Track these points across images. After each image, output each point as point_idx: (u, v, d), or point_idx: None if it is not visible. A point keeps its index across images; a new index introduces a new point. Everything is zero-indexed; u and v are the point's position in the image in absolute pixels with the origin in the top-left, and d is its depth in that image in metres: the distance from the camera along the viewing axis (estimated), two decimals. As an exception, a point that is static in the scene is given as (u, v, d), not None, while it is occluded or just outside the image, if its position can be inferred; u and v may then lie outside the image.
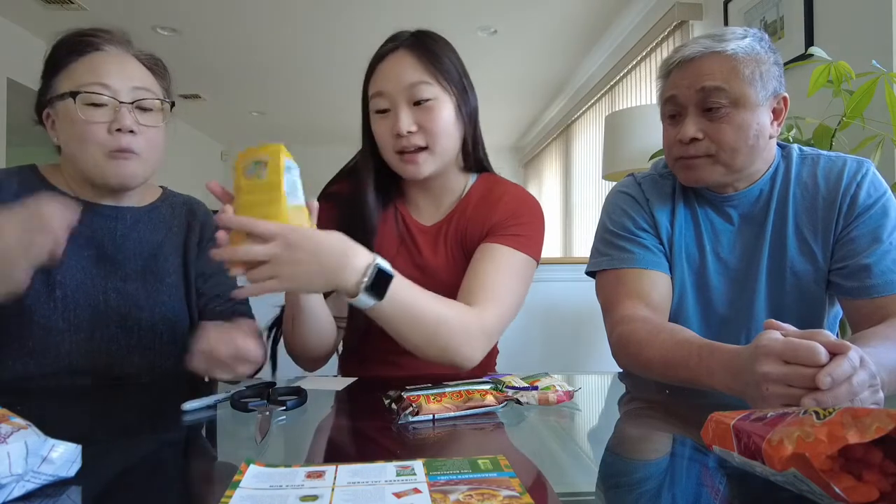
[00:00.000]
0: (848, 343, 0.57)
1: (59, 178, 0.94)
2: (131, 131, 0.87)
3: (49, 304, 0.88)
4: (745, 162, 0.93)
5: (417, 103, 0.95)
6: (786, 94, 0.95)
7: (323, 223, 0.79)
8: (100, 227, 0.94)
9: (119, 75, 0.88)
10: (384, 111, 0.97)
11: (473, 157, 1.07)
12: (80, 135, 0.86)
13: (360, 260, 0.74)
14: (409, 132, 0.94)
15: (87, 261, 0.92)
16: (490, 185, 1.07)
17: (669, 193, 1.05)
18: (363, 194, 1.02)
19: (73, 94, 0.85)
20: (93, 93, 0.86)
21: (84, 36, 0.90)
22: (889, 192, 0.94)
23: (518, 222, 1.00)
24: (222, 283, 1.03)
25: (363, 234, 0.99)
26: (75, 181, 0.93)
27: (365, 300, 0.74)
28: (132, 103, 0.88)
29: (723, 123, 0.91)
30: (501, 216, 1.00)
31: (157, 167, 0.94)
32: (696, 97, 0.92)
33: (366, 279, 0.73)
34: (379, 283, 0.75)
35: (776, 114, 0.94)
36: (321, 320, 0.92)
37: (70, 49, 0.89)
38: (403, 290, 0.79)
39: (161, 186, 1.06)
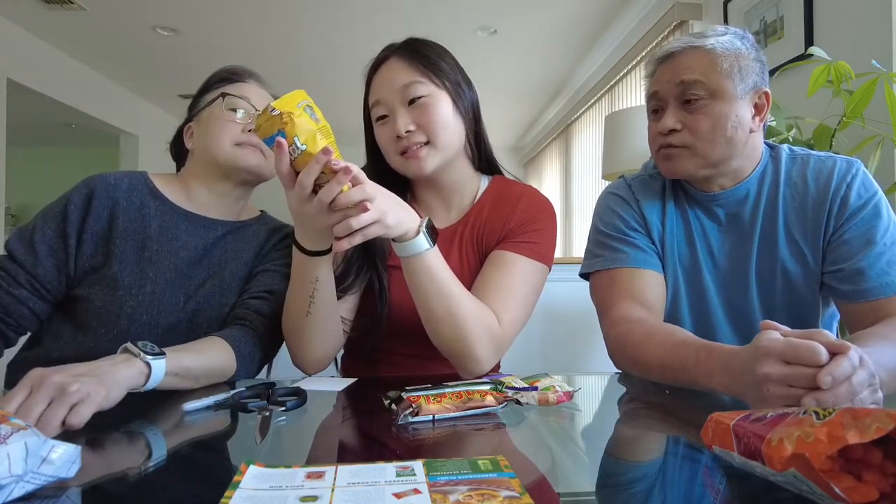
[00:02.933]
0: (848, 343, 0.57)
1: (168, 188, 1.06)
2: None
3: (139, 297, 0.96)
4: (723, 154, 0.94)
5: (413, 102, 0.96)
6: (767, 90, 0.95)
7: None
8: (194, 234, 1.04)
9: (257, 95, 1.08)
10: (383, 118, 0.98)
11: (482, 155, 1.08)
12: (219, 128, 1.03)
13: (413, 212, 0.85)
14: (409, 131, 0.95)
15: (181, 262, 1.01)
16: (505, 188, 1.08)
17: (659, 193, 1.05)
18: None
19: (223, 95, 1.05)
20: (237, 97, 1.05)
21: (233, 70, 1.10)
22: (880, 192, 0.94)
23: (534, 228, 1.01)
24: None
25: (376, 244, 0.99)
26: (190, 187, 1.06)
27: (422, 242, 0.82)
28: None
29: (700, 114, 0.92)
30: (518, 221, 1.01)
31: (272, 172, 1.03)
32: (675, 90, 0.94)
33: (424, 223, 0.84)
34: (430, 231, 0.84)
35: (758, 109, 0.95)
36: (332, 317, 0.93)
37: (221, 79, 1.09)
38: (442, 257, 0.87)
39: (261, 210, 1.18)
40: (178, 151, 1.14)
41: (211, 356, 0.85)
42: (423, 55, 0.98)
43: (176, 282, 1.00)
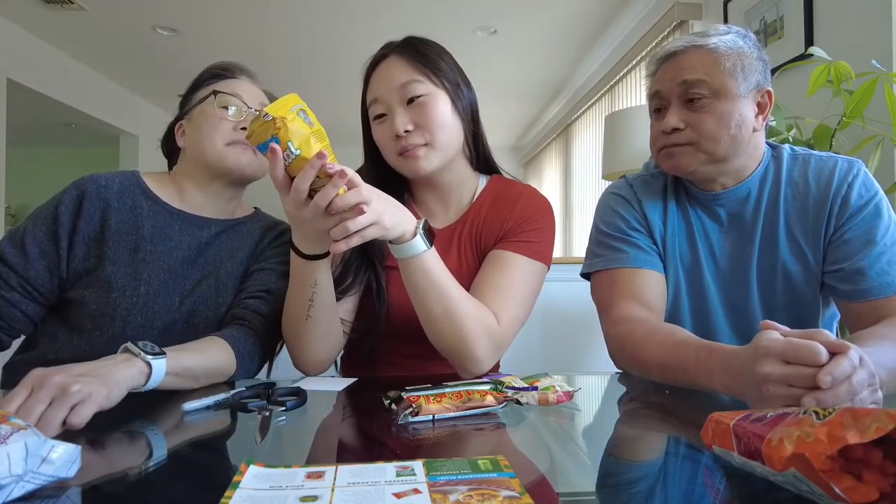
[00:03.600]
0: (847, 343, 0.57)
1: (161, 188, 1.05)
2: None
3: (133, 299, 0.95)
4: (726, 152, 0.94)
5: (411, 101, 0.95)
6: (770, 89, 0.95)
7: None
8: (188, 233, 1.03)
9: (249, 92, 1.06)
10: (381, 116, 0.98)
11: (480, 155, 1.08)
12: (211, 126, 1.01)
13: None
14: (407, 131, 0.94)
15: (175, 262, 1.00)
16: (504, 187, 1.08)
17: (661, 192, 1.05)
18: None
19: (215, 93, 1.03)
20: (229, 94, 1.03)
21: (224, 66, 1.09)
22: (881, 192, 0.95)
23: (533, 228, 1.00)
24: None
25: (374, 244, 0.99)
26: (183, 187, 1.05)
27: (419, 243, 0.82)
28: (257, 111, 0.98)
29: (704, 113, 0.92)
30: (517, 220, 1.01)
31: (265, 171, 1.00)
32: (678, 90, 0.94)
33: (421, 224, 0.84)
34: (427, 233, 0.84)
35: (760, 108, 0.95)
36: (332, 319, 0.93)
37: (212, 75, 1.07)
38: (439, 258, 0.87)
39: (255, 207, 1.17)
40: (170, 149, 1.12)
41: (211, 356, 0.85)
42: (423, 54, 0.98)
43: (170, 282, 0.99)
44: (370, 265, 1.02)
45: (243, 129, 1.01)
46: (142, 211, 1.01)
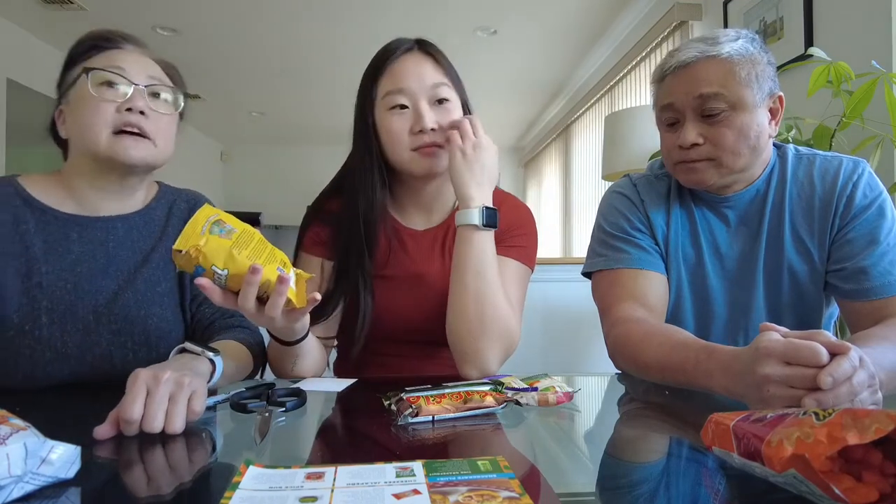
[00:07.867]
0: (848, 343, 0.57)
1: (46, 192, 0.89)
2: (142, 112, 0.87)
3: (35, 333, 0.82)
4: (746, 163, 0.94)
5: (439, 102, 0.97)
6: (781, 94, 0.95)
7: (319, 245, 0.97)
8: (90, 241, 0.89)
9: (135, 64, 0.89)
10: (401, 107, 0.96)
11: None
12: (90, 113, 0.85)
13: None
14: (433, 129, 0.95)
15: (79, 277, 0.87)
16: None
17: (665, 194, 1.05)
18: (369, 194, 0.98)
19: (87, 70, 0.86)
20: (106, 70, 0.86)
21: (103, 35, 0.92)
22: (885, 192, 0.95)
23: (520, 233, 1.02)
24: None
25: (363, 243, 0.97)
26: (73, 186, 0.90)
27: (473, 215, 0.91)
28: (146, 87, 0.89)
29: (723, 127, 0.91)
30: (505, 225, 1.01)
31: (166, 157, 0.92)
32: (693, 103, 0.92)
33: (485, 204, 0.92)
34: (489, 216, 0.92)
35: (773, 113, 0.95)
36: (316, 355, 0.93)
37: (90, 46, 0.90)
38: (492, 244, 0.93)
39: (157, 182, 1.02)
40: (59, 141, 0.95)
41: (240, 356, 0.84)
42: (446, 61, 1.01)
43: (77, 303, 0.85)
44: (351, 287, 0.99)
45: (129, 109, 0.86)
46: (28, 226, 0.86)
